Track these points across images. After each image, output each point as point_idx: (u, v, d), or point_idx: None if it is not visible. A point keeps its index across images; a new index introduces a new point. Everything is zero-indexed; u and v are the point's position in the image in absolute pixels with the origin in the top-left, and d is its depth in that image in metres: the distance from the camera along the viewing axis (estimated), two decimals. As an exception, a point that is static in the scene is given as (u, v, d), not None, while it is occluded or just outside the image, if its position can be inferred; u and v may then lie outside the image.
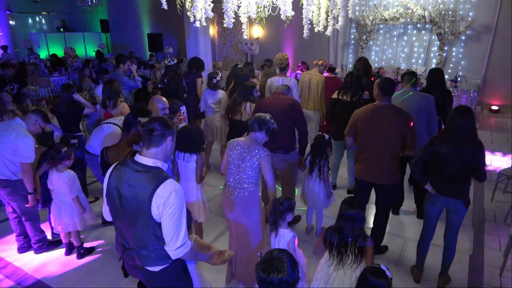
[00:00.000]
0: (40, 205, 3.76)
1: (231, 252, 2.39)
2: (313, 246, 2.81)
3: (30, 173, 3.45)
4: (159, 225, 1.93)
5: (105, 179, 2.08)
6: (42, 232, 3.84)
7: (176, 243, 1.93)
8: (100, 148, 3.83)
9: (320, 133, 3.84)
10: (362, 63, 5.26)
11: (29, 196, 3.53)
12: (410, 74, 4.18)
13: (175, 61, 6.02)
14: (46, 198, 3.71)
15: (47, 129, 5.21)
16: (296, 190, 4.53)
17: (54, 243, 3.93)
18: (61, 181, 3.48)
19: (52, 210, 3.62)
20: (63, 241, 3.78)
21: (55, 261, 3.73)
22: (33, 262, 3.71)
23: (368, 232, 3.95)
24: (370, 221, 3.93)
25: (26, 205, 3.57)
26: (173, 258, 2.02)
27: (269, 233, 2.79)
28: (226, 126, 5.30)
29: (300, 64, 8.38)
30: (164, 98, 4.12)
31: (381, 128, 3.26)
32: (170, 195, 1.88)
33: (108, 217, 2.18)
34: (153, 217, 1.90)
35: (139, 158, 1.99)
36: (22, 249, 3.85)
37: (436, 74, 4.48)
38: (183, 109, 4.98)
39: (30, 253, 3.83)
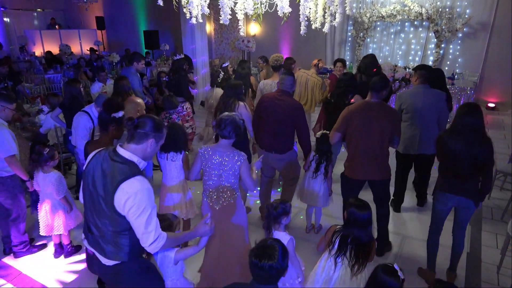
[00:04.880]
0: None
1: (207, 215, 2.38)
2: (313, 244, 2.80)
3: (16, 164, 3.36)
4: (122, 218, 1.92)
5: (87, 159, 2.10)
6: (25, 235, 3.75)
7: (148, 240, 1.92)
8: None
9: (324, 131, 3.80)
10: (369, 60, 5.02)
11: (27, 183, 3.50)
12: (423, 69, 4.09)
13: (182, 55, 5.91)
14: (34, 201, 3.68)
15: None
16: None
17: (36, 247, 3.84)
18: (47, 181, 3.43)
19: (39, 212, 3.57)
20: (54, 241, 3.72)
21: (50, 259, 3.70)
22: (28, 261, 3.67)
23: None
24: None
25: (29, 190, 3.56)
26: (152, 252, 2.02)
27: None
28: None
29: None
30: (139, 100, 3.97)
31: (372, 125, 3.29)
32: (136, 194, 1.86)
33: (82, 199, 2.19)
34: (116, 209, 1.90)
35: (118, 149, 2.00)
36: (6, 251, 3.78)
37: (437, 74, 4.44)
38: (187, 105, 4.92)
39: (25, 252, 3.79)
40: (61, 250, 3.74)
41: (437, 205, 3.20)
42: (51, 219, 3.52)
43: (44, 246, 3.87)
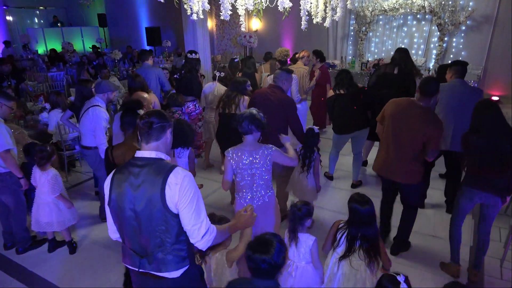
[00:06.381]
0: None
1: (249, 205, 2.26)
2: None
3: (11, 160, 3.36)
4: (176, 218, 1.83)
5: (105, 188, 1.95)
6: (27, 230, 3.78)
7: (200, 231, 1.84)
8: (94, 137, 3.84)
9: (311, 126, 3.78)
10: (405, 54, 4.90)
11: (21, 181, 3.50)
12: (459, 64, 4.00)
13: (197, 56, 5.90)
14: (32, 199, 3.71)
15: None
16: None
17: (38, 242, 3.88)
18: (43, 179, 3.46)
19: (33, 209, 3.59)
20: (48, 237, 3.76)
21: (55, 256, 3.74)
22: (33, 258, 3.71)
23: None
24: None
25: (21, 188, 3.55)
26: (204, 249, 1.93)
27: (287, 242, 2.61)
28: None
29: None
30: (145, 95, 3.96)
31: (407, 128, 3.13)
32: (184, 182, 1.80)
33: (114, 235, 2.03)
34: (170, 208, 1.80)
35: (140, 154, 1.91)
36: (7, 246, 3.82)
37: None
38: (196, 103, 4.92)
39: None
40: (55, 246, 3.79)
41: (461, 200, 3.13)
42: (42, 216, 3.54)
43: (45, 241, 3.90)
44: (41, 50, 13.91)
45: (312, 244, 2.51)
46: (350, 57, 9.89)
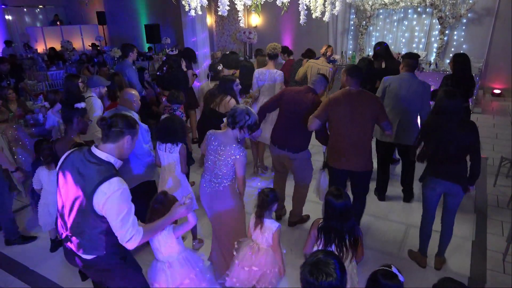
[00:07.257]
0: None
1: (187, 196, 2.36)
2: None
3: (1, 156, 3.54)
4: (100, 218, 1.97)
5: (60, 159, 2.11)
6: (14, 223, 3.86)
7: (124, 238, 1.97)
8: None
9: None
10: (387, 47, 5.09)
11: (15, 173, 3.65)
12: (411, 58, 4.02)
13: (177, 51, 5.89)
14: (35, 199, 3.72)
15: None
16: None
17: (26, 239, 3.93)
18: (53, 178, 3.41)
19: (39, 210, 3.54)
20: (51, 237, 3.76)
21: (56, 255, 3.73)
22: (35, 257, 3.71)
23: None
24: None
25: (19, 178, 3.72)
26: (130, 249, 2.05)
27: (253, 226, 2.75)
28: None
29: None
30: (134, 91, 3.90)
31: (354, 114, 3.21)
32: (114, 194, 1.90)
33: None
34: (95, 209, 1.94)
35: (94, 150, 2.04)
36: None
37: (462, 58, 4.32)
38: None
39: (30, 248, 3.83)
40: (56, 246, 3.78)
41: (426, 191, 3.22)
42: (53, 218, 3.51)
43: (34, 238, 3.96)
44: (40, 48, 13.87)
45: (275, 230, 2.63)
46: (350, 52, 9.83)
